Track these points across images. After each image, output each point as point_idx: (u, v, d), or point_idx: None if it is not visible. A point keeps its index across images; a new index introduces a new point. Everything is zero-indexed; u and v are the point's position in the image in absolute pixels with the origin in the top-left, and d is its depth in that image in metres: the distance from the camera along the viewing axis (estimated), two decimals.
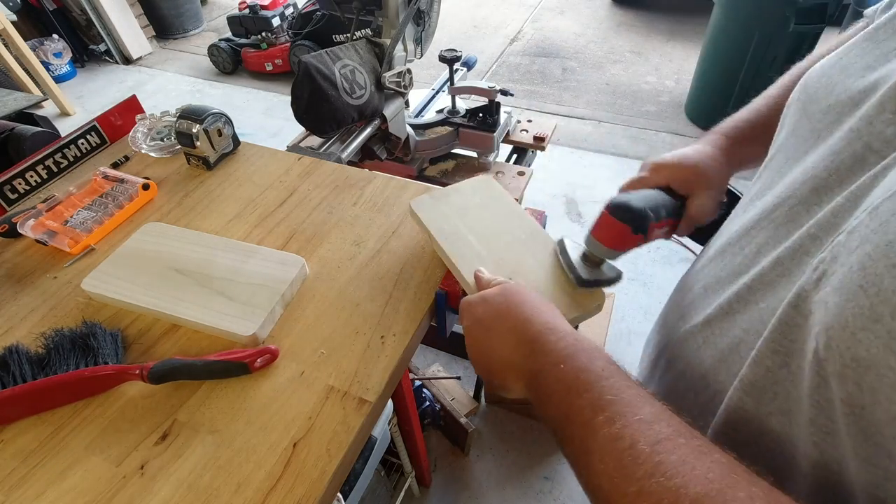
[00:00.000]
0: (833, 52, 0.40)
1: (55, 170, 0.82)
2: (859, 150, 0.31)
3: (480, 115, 1.31)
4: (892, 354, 0.22)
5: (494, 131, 1.29)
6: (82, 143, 0.85)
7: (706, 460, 0.27)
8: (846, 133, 0.32)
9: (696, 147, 0.54)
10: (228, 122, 0.82)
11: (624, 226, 0.49)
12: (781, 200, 0.36)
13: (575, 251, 0.55)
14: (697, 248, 0.56)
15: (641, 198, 0.50)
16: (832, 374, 0.25)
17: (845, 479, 0.28)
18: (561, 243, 0.58)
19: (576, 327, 0.42)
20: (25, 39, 2.64)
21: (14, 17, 2.61)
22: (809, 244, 0.31)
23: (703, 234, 0.56)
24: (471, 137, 1.32)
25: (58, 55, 3.04)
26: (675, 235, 0.57)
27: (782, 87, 0.53)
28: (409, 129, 1.23)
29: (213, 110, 0.79)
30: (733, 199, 0.56)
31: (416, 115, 1.38)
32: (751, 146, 0.53)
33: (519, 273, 0.55)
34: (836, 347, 0.24)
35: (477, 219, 0.62)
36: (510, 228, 0.61)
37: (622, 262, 0.53)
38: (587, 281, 0.54)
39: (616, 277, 0.55)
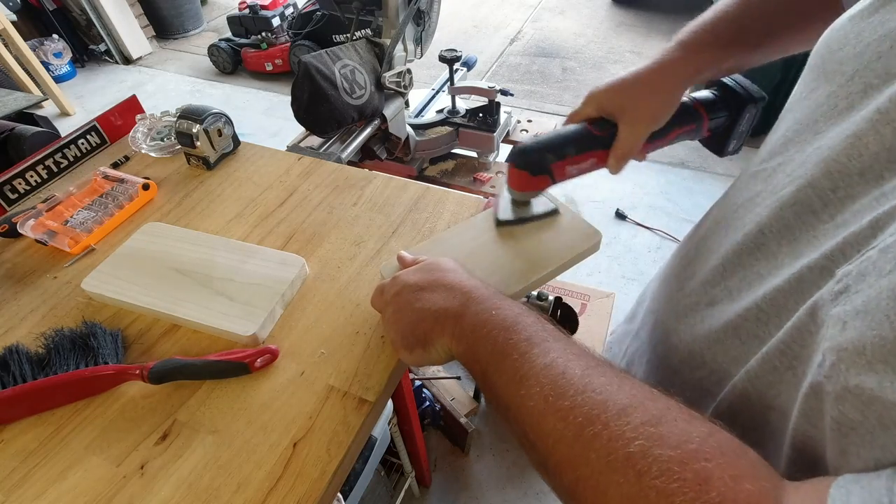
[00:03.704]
0: None
1: (55, 170, 0.82)
2: (888, 138, 0.26)
3: (480, 115, 1.31)
4: None
5: (494, 131, 1.29)
6: (82, 143, 0.85)
7: (628, 382, 0.31)
8: (872, 113, 0.27)
9: (640, 68, 0.50)
10: (228, 122, 0.82)
11: (521, 171, 0.51)
12: (790, 179, 0.33)
13: (505, 198, 0.60)
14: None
15: (544, 140, 0.51)
16: (828, 394, 0.24)
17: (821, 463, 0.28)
18: (500, 197, 0.62)
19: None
20: (25, 39, 2.64)
21: (14, 17, 2.61)
22: (825, 244, 0.29)
23: (714, 142, 0.57)
24: (471, 137, 1.32)
25: (58, 55, 3.04)
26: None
27: None
28: (409, 129, 1.23)
29: (213, 110, 0.79)
30: (735, 98, 0.54)
31: (416, 115, 1.38)
32: (708, 51, 0.49)
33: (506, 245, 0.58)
34: (845, 371, 0.23)
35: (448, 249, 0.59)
36: (475, 239, 0.60)
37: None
38: (502, 221, 0.60)
39: (545, 212, 0.60)
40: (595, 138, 0.51)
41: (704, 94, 0.55)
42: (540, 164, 0.50)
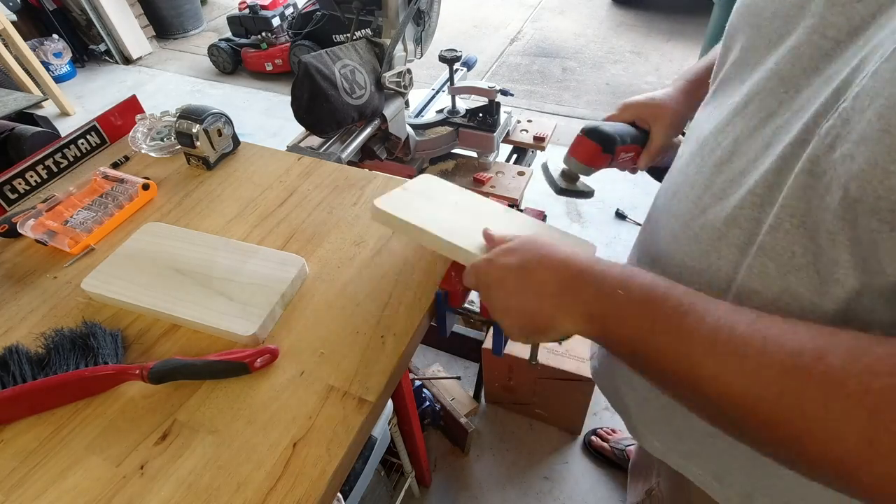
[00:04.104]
0: None
1: (55, 170, 0.82)
2: (817, 41, 0.34)
3: (480, 115, 1.31)
4: None
5: (494, 131, 1.29)
6: (82, 143, 0.85)
7: (800, 325, 0.30)
8: (802, 30, 0.35)
9: (663, 90, 0.64)
10: (228, 122, 0.82)
11: (595, 145, 0.60)
12: (749, 98, 0.40)
13: (556, 169, 0.67)
14: None
15: (610, 125, 0.62)
16: (863, 212, 0.29)
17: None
18: (545, 164, 0.68)
19: None
20: (25, 39, 2.63)
21: (14, 17, 2.61)
22: (796, 125, 0.34)
23: (661, 174, 0.63)
24: (471, 137, 1.32)
25: (58, 55, 3.04)
26: (639, 169, 0.68)
27: None
28: (409, 129, 1.23)
29: (213, 110, 0.79)
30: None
31: (416, 115, 1.38)
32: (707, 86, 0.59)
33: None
34: (870, 185, 0.28)
35: (445, 203, 0.62)
36: (480, 204, 0.63)
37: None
38: (563, 190, 0.66)
39: (589, 192, 0.68)
40: (638, 135, 0.63)
41: None
42: (611, 142, 0.60)
